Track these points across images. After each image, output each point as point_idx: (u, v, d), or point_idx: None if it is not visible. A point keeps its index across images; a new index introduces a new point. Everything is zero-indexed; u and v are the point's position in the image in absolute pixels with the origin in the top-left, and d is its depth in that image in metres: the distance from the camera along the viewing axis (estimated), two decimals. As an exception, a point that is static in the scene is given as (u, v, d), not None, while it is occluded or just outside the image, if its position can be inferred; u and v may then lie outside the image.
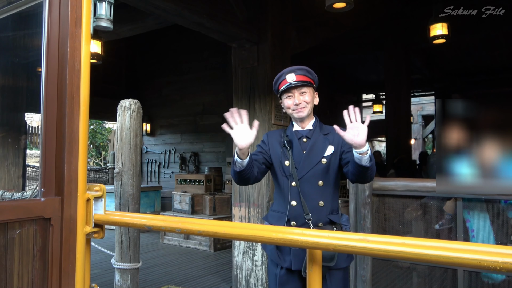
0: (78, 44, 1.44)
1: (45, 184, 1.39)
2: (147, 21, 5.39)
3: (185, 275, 4.87)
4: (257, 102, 4.05)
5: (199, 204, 6.44)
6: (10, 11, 3.18)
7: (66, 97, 1.41)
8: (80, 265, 1.43)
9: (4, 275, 1.26)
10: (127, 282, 2.79)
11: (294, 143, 2.05)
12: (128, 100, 2.86)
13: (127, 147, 2.83)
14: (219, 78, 8.40)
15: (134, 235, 2.82)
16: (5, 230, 1.26)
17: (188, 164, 8.91)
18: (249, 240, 1.13)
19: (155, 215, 1.39)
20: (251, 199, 4.02)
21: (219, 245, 6.07)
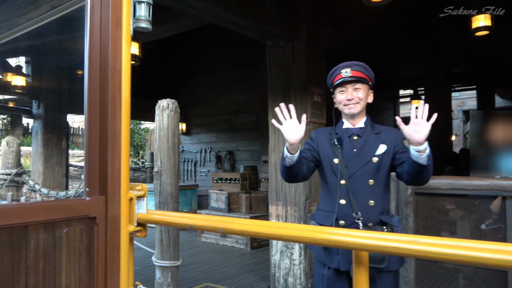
0: (119, 45, 1.46)
1: (90, 184, 1.42)
2: (182, 21, 5.47)
3: (222, 273, 4.90)
4: (292, 100, 4.01)
5: (235, 203, 6.47)
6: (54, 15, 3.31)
7: (108, 98, 1.43)
8: (124, 263, 1.45)
9: (53, 272, 1.30)
10: (168, 279, 2.83)
11: (344, 141, 2.01)
12: (165, 100, 2.90)
13: (166, 146, 2.87)
14: (253, 77, 8.40)
15: (174, 233, 2.86)
16: (53, 228, 1.30)
17: (223, 162, 8.98)
18: (292, 241, 1.11)
19: (196, 215, 1.39)
20: (288, 198, 3.99)
21: (256, 243, 6.08)
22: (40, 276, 1.27)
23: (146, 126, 18.69)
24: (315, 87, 4.03)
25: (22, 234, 1.23)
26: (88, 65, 1.44)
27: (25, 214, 1.23)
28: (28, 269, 1.24)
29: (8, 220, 1.19)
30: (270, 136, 4.16)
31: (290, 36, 3.99)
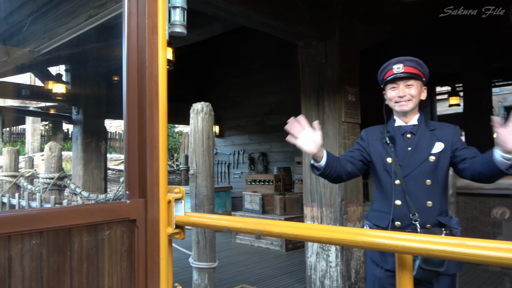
0: (156, 51, 1.48)
1: (130, 187, 1.45)
2: (214, 25, 5.52)
3: (258, 274, 4.90)
4: (326, 100, 3.96)
5: (269, 204, 6.46)
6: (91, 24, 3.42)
7: (146, 103, 1.46)
8: (164, 265, 1.47)
9: (96, 274, 1.33)
10: (205, 281, 2.86)
11: (397, 139, 1.95)
12: (200, 103, 2.93)
13: (201, 149, 2.90)
14: (285, 78, 8.39)
15: (210, 235, 2.88)
16: (95, 231, 1.33)
17: (256, 164, 8.99)
18: (332, 244, 1.09)
19: (234, 217, 1.39)
20: (323, 199, 3.95)
21: (291, 245, 6.04)
22: (84, 278, 1.31)
23: (179, 129, 19.02)
24: (349, 86, 3.96)
25: (67, 237, 1.27)
26: (126, 71, 1.47)
27: (69, 217, 1.27)
28: (72, 270, 1.28)
29: (54, 222, 1.23)
30: (304, 137, 4.12)
31: (322, 36, 3.95)
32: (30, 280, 1.19)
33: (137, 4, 1.48)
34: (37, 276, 1.20)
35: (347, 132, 3.95)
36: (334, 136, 3.88)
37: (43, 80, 7.31)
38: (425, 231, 1.82)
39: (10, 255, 1.15)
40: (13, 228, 1.15)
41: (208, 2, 3.02)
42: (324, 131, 3.93)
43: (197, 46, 8.91)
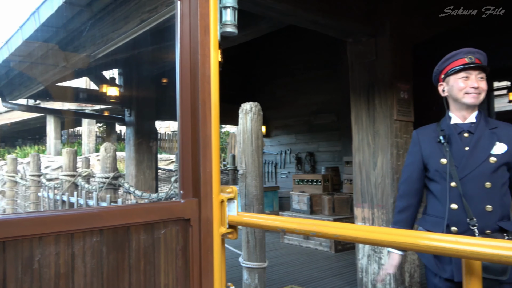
0: (208, 51, 1.49)
1: (184, 187, 1.47)
2: (260, 25, 5.52)
3: (307, 275, 4.85)
4: (377, 97, 3.85)
5: (318, 204, 6.38)
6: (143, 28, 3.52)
7: (199, 103, 1.47)
8: (217, 265, 1.47)
9: (153, 271, 1.36)
10: (255, 281, 2.85)
11: (453, 138, 1.83)
12: (249, 103, 2.93)
13: (250, 149, 2.90)
14: (332, 77, 8.26)
15: (260, 235, 2.88)
16: (152, 230, 1.36)
17: (304, 164, 8.92)
18: (392, 247, 1.04)
19: (288, 217, 1.37)
20: (374, 200, 3.84)
21: (340, 246, 5.93)
22: (141, 275, 1.33)
23: (226, 129, 19.26)
24: (402, 83, 3.82)
25: (125, 235, 1.30)
26: (179, 72, 1.49)
27: (127, 216, 1.31)
28: (131, 268, 1.31)
29: (113, 221, 1.27)
30: (354, 136, 4.03)
31: (373, 31, 3.84)
32: (92, 276, 1.23)
33: (189, 6, 1.50)
34: (98, 273, 1.24)
35: (400, 130, 3.81)
36: (386, 135, 3.76)
37: (98, 84, 7.65)
38: (484, 237, 1.70)
39: (73, 252, 1.20)
40: (75, 226, 1.20)
41: (256, 1, 3.02)
42: (375, 129, 3.82)
43: (243, 46, 8.97)
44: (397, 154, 3.78)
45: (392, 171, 3.72)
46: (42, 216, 1.17)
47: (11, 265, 1.10)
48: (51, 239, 1.16)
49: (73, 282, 1.19)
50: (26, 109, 7.93)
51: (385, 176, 3.76)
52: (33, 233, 1.13)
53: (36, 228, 1.13)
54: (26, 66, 5.54)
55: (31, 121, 16.66)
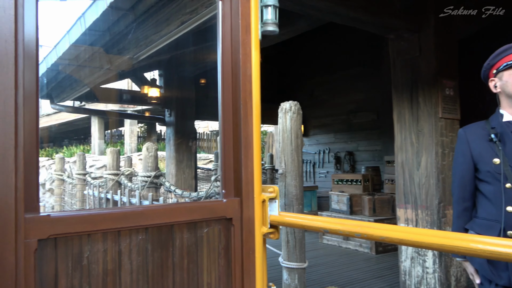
0: (249, 51, 1.49)
1: (225, 186, 1.47)
2: (299, 23, 5.48)
3: (347, 277, 4.77)
4: (420, 95, 3.72)
5: (358, 205, 6.26)
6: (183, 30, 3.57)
7: (241, 103, 1.47)
8: (259, 264, 1.47)
9: (196, 270, 1.37)
10: (295, 281, 2.83)
11: (506, 136, 1.73)
12: (288, 102, 2.91)
13: (289, 148, 2.88)
14: (371, 75, 8.08)
15: (300, 235, 2.85)
16: (195, 228, 1.37)
17: (343, 163, 8.78)
18: (444, 251, 0.99)
19: (331, 218, 1.34)
20: (418, 201, 3.71)
21: (381, 247, 5.79)
22: (185, 273, 1.35)
23: (263, 129, 19.29)
24: (447, 80, 3.68)
25: (169, 233, 1.32)
26: (221, 72, 1.49)
27: (171, 214, 1.32)
28: (174, 266, 1.33)
29: (157, 219, 1.29)
30: (396, 135, 3.92)
31: (416, 27, 3.72)
32: (137, 273, 1.26)
33: (230, 5, 1.50)
34: (143, 270, 1.27)
35: (445, 129, 3.67)
36: (430, 133, 3.63)
37: (139, 85, 7.86)
38: None
39: (120, 249, 1.23)
40: (122, 223, 1.23)
41: (296, 0, 3.00)
42: (419, 128, 3.70)
43: (280, 45, 8.95)
44: (443, 153, 3.64)
45: (437, 171, 3.59)
46: (90, 214, 1.20)
47: (62, 261, 1.14)
48: (99, 236, 1.20)
49: (120, 279, 1.22)
50: (72, 111, 8.27)
51: (429, 176, 3.63)
52: (82, 230, 1.17)
53: (85, 225, 1.17)
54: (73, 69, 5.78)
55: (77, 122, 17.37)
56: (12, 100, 1.05)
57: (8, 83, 1.05)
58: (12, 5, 1.05)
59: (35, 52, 1.14)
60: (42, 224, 1.10)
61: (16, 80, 1.06)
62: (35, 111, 1.14)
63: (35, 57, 1.14)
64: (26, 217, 1.07)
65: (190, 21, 3.35)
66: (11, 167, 1.04)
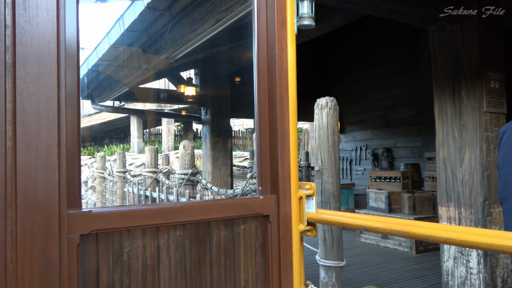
0: (285, 45, 1.47)
1: (262, 183, 1.46)
2: (334, 18, 5.39)
3: (386, 276, 4.66)
4: (463, 88, 3.57)
5: (396, 203, 6.10)
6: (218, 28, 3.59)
7: (277, 98, 1.45)
8: (296, 262, 1.45)
9: (233, 267, 1.37)
10: (332, 279, 2.79)
11: None
12: (324, 98, 2.87)
13: (326, 145, 2.84)
14: (410, 69, 7.84)
15: (337, 233, 2.80)
16: (232, 225, 1.37)
17: (380, 160, 8.59)
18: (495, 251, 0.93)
19: (370, 216, 1.30)
20: (461, 199, 3.57)
21: (422, 247, 5.62)
22: (222, 270, 1.35)
23: (299, 126, 19.18)
24: (492, 72, 3.51)
25: (206, 230, 1.33)
26: (257, 67, 1.48)
27: (208, 211, 1.33)
28: (212, 262, 1.33)
29: (195, 216, 1.30)
30: (437, 130, 3.78)
31: (458, 18, 3.56)
32: (176, 269, 1.27)
33: (266, 0, 1.48)
34: (181, 266, 1.27)
35: (490, 123, 3.50)
36: (474, 128, 3.47)
37: (176, 84, 7.99)
38: None
39: (159, 245, 1.24)
40: (160, 219, 1.24)
41: (332, -6, 2.94)
42: (462, 123, 3.55)
43: (315, 41, 8.84)
44: (487, 149, 3.48)
45: (482, 167, 3.43)
46: (129, 210, 1.22)
47: (103, 256, 1.16)
48: (138, 232, 1.21)
49: (159, 274, 1.24)
50: (112, 110, 8.52)
51: (473, 173, 3.48)
52: (122, 226, 1.19)
53: (124, 221, 1.19)
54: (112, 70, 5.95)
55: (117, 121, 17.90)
56: (54, 99, 1.08)
57: (51, 82, 1.08)
58: (54, 7, 1.08)
59: (76, 52, 1.17)
60: (84, 220, 1.13)
61: (59, 80, 1.09)
62: (76, 110, 1.17)
63: (76, 57, 1.17)
64: (69, 212, 1.10)
65: (225, 19, 3.36)
66: (54, 164, 1.07)
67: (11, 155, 1.02)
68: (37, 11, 1.06)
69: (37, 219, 1.04)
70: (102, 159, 10.33)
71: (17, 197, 1.02)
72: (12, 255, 1.01)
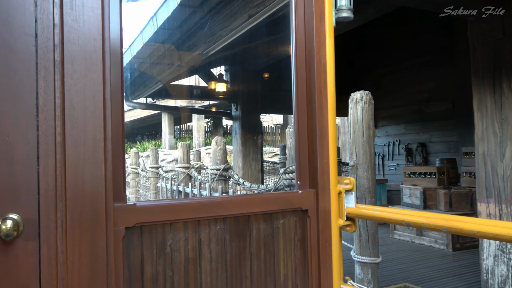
0: (323, 38, 1.45)
1: (301, 178, 1.45)
2: (367, 11, 5.28)
3: (421, 274, 4.56)
4: (504, 80, 3.43)
5: (432, 199, 5.95)
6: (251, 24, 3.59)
7: (315, 92, 1.44)
8: (336, 257, 1.44)
9: (273, 260, 1.37)
10: (368, 276, 2.75)
11: None
12: (359, 92, 2.82)
13: (361, 140, 2.80)
14: (444, 61, 7.60)
15: (373, 228, 2.76)
16: (271, 219, 1.37)
17: (414, 155, 8.39)
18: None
19: (414, 211, 1.27)
20: (502, 195, 3.44)
21: (459, 244, 5.46)
22: (262, 264, 1.36)
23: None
24: (536, 63, 3.36)
25: (246, 224, 1.33)
26: (295, 61, 1.47)
27: (247, 205, 1.33)
28: (252, 256, 1.34)
29: (234, 210, 1.31)
30: (476, 124, 3.65)
31: (499, 5, 3.42)
32: (217, 262, 1.28)
33: (303, -7, 1.47)
34: (222, 259, 1.29)
35: (534, 116, 3.35)
36: (516, 121, 3.34)
37: (207, 81, 8.06)
38: None
39: (200, 238, 1.26)
40: (201, 213, 1.26)
41: (365, -15, 2.88)
42: (503, 116, 3.42)
43: (346, 35, 8.70)
44: (531, 143, 3.33)
45: (525, 162, 3.30)
46: (172, 204, 1.24)
47: (147, 249, 1.19)
48: (180, 226, 1.24)
49: (200, 267, 1.26)
50: (145, 107, 8.69)
51: (515, 168, 3.35)
52: (165, 219, 1.21)
53: (167, 214, 1.21)
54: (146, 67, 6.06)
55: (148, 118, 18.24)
56: (100, 95, 1.11)
57: (97, 79, 1.11)
58: (99, 5, 1.11)
59: (120, 49, 1.20)
60: (128, 213, 1.16)
61: (104, 76, 1.12)
62: (120, 105, 1.19)
63: (120, 54, 1.20)
64: (115, 205, 1.13)
65: (257, 15, 3.36)
66: (100, 158, 1.10)
67: (60, 149, 1.06)
68: (83, 9, 1.09)
69: (85, 211, 1.07)
70: (135, 155, 10.55)
71: (66, 190, 1.06)
72: (62, 246, 1.05)
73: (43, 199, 1.04)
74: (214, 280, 1.27)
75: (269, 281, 1.36)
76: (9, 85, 1.01)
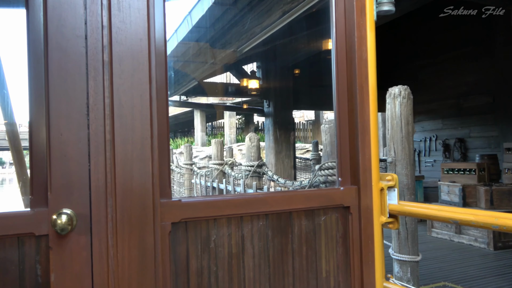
0: (364, 33, 1.43)
1: (342, 174, 1.44)
2: (402, 3, 5.16)
3: (461, 273, 4.42)
4: (552, 72, 3.27)
5: (472, 196, 5.75)
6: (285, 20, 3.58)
7: (356, 88, 1.42)
8: (378, 255, 1.42)
9: (314, 257, 1.37)
10: (407, 274, 2.70)
11: None
12: (397, 87, 2.77)
13: (399, 135, 2.74)
14: (483, 54, 7.32)
15: (412, 226, 2.71)
16: (312, 216, 1.37)
17: (452, 151, 8.14)
18: None
19: (460, 208, 1.24)
20: (549, 192, 3.29)
21: (501, 243, 5.27)
22: (303, 260, 1.36)
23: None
24: None
25: (288, 220, 1.34)
26: (335, 56, 1.46)
27: (289, 201, 1.34)
28: (294, 252, 1.34)
29: (276, 206, 1.31)
30: (521, 118, 3.51)
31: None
32: (259, 258, 1.29)
33: (344, -12, 1.45)
34: (264, 255, 1.30)
35: None
36: None
37: (239, 78, 8.11)
38: None
39: (243, 234, 1.27)
40: (244, 209, 1.27)
41: (403, -23, 2.82)
42: (550, 110, 3.27)
43: (381, 29, 8.52)
44: None
45: None
46: (215, 200, 1.26)
47: (192, 244, 1.21)
48: (223, 221, 1.25)
49: (243, 262, 1.27)
50: (179, 105, 8.83)
51: None
52: (209, 215, 1.23)
53: (211, 210, 1.23)
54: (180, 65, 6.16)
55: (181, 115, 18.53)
56: (147, 94, 1.14)
57: (143, 78, 1.14)
58: (145, 6, 1.14)
59: (164, 49, 1.22)
60: (174, 209, 1.18)
61: (150, 75, 1.15)
62: (165, 104, 1.22)
63: (164, 54, 1.23)
64: (162, 201, 1.16)
65: (292, 11, 3.35)
66: (148, 156, 1.13)
67: (110, 147, 1.10)
68: (130, 11, 1.12)
69: (134, 207, 1.11)
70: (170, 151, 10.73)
71: (116, 186, 1.10)
72: (113, 240, 1.09)
73: (94, 195, 1.08)
74: (257, 276, 1.28)
75: (311, 278, 1.36)
76: (62, 86, 1.06)
